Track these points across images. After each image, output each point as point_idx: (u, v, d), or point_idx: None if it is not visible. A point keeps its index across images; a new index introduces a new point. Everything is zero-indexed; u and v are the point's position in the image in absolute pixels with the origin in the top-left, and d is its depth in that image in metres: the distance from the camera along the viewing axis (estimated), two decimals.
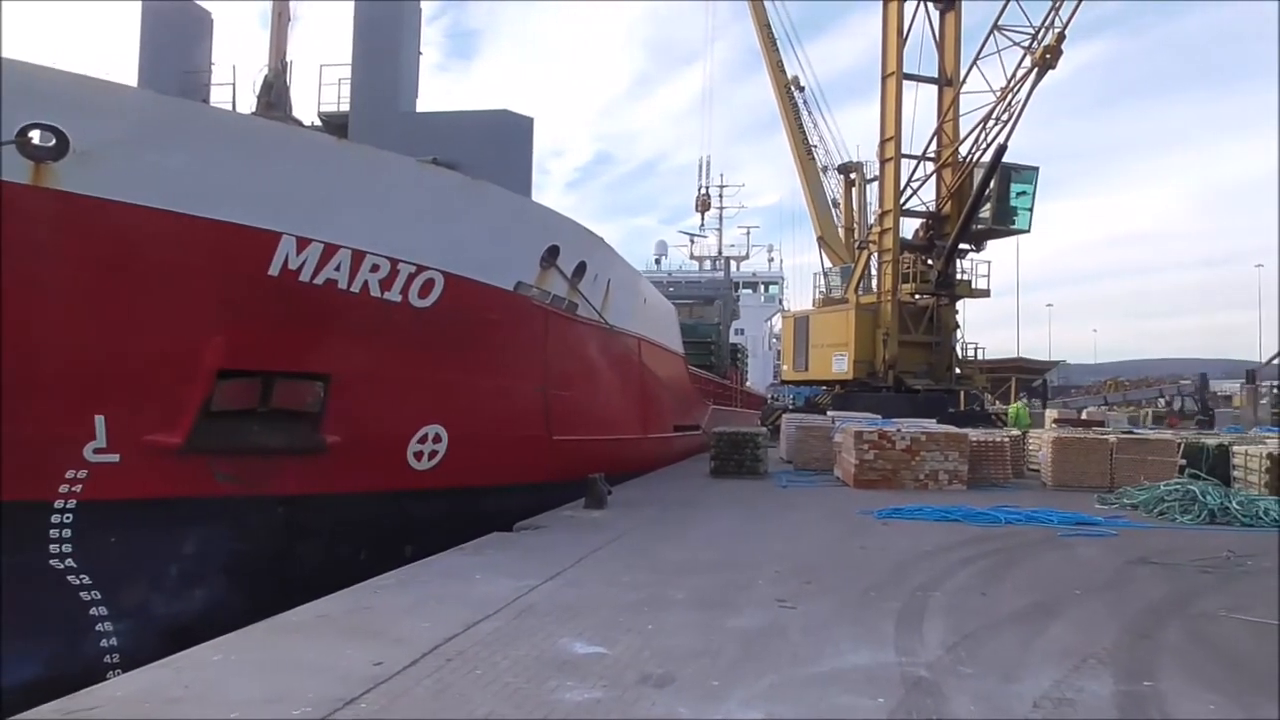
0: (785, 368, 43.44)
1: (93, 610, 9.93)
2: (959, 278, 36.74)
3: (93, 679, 6.12)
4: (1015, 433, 22.72)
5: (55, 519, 9.71)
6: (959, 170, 34.83)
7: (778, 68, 50.82)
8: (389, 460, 12.42)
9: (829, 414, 26.37)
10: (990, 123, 32.88)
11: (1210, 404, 57.00)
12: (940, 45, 36.45)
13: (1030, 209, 36.07)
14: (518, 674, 5.58)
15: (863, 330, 35.60)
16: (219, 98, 16.30)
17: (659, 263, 63.37)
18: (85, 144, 8.99)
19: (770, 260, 70.69)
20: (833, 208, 52.37)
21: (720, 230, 67.50)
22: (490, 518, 11.83)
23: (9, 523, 9.33)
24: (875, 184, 40.95)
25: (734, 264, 64.04)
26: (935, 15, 36.40)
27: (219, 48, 17.38)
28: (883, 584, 8.47)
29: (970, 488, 16.77)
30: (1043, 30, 31.15)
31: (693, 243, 67.95)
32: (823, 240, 50.19)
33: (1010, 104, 32.20)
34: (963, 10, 36.31)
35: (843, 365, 36.16)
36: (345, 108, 16.46)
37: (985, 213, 34.87)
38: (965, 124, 34.60)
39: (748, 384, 48.28)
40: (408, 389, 12.39)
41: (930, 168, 36.01)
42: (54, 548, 9.74)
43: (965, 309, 37.96)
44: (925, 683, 5.51)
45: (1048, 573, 9.28)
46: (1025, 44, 31.64)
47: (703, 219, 63.96)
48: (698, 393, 27.94)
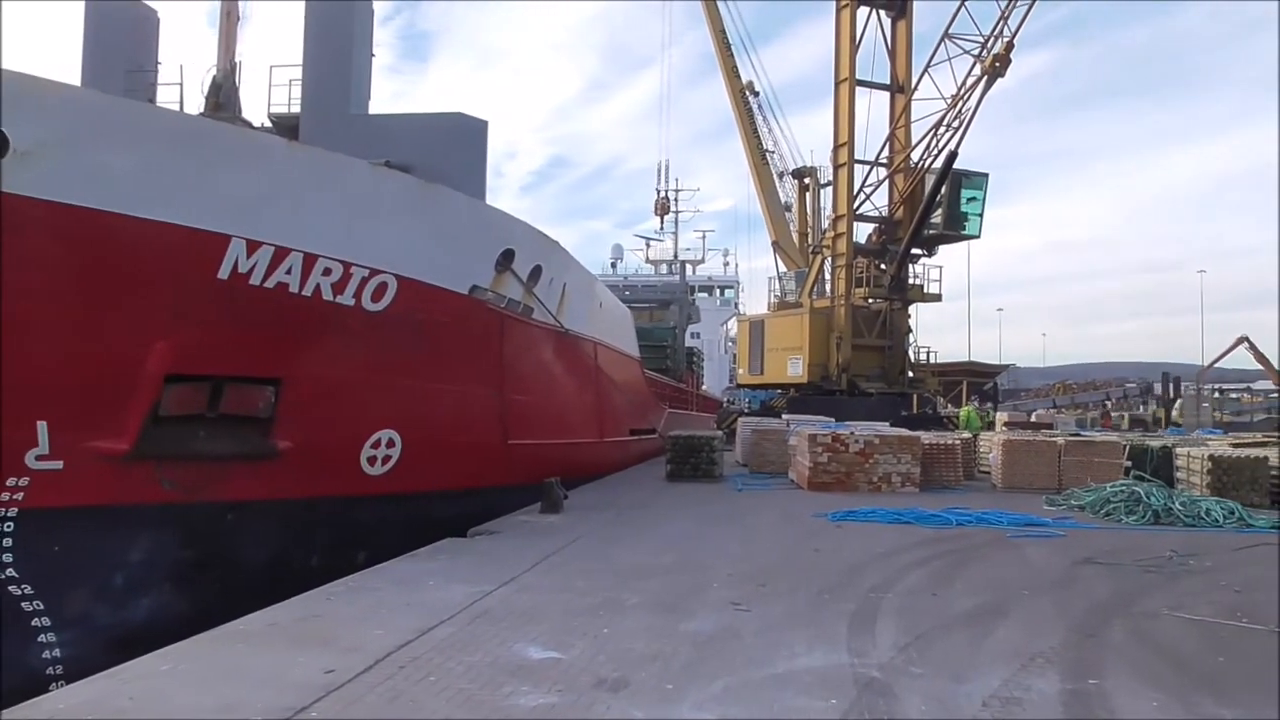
0: (741, 371, 43.67)
1: (35, 620, 9.69)
2: (911, 282, 37.24)
3: (35, 691, 5.97)
4: (966, 435, 23.03)
5: None
6: (911, 176, 35.32)
7: (732, 73, 51.18)
8: (341, 466, 12.28)
9: (784, 417, 26.56)
10: (941, 129, 33.41)
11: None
12: (892, 53, 36.96)
13: (981, 215, 36.68)
14: (472, 680, 5.55)
15: (817, 334, 35.93)
16: (166, 98, 16.01)
17: (615, 266, 63.36)
18: (25, 144, 8.80)
19: (726, 264, 71.18)
20: (787, 212, 52.77)
21: (676, 234, 67.76)
22: (445, 523, 11.75)
23: None
24: (829, 189, 41.35)
25: (690, 268, 64.23)
26: (887, 23, 36.91)
27: (166, 48, 17.09)
28: (836, 586, 8.54)
29: (923, 490, 16.97)
30: (992, 39, 31.75)
31: (648, 246, 68.21)
32: (777, 245, 50.60)
33: (961, 111, 32.75)
34: (914, 18, 36.89)
35: (797, 369, 36.46)
36: (296, 109, 16.24)
37: (937, 218, 35.39)
38: (917, 130, 35.19)
39: (704, 388, 48.40)
40: (361, 393, 12.27)
41: (883, 173, 36.50)
42: None
43: (918, 313, 38.56)
44: (877, 683, 5.57)
45: (997, 574, 9.41)
46: (975, 52, 32.24)
47: (662, 222, 64.28)
48: (654, 396, 27.97)
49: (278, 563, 11.33)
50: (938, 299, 38.34)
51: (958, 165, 34.12)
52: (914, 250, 36.41)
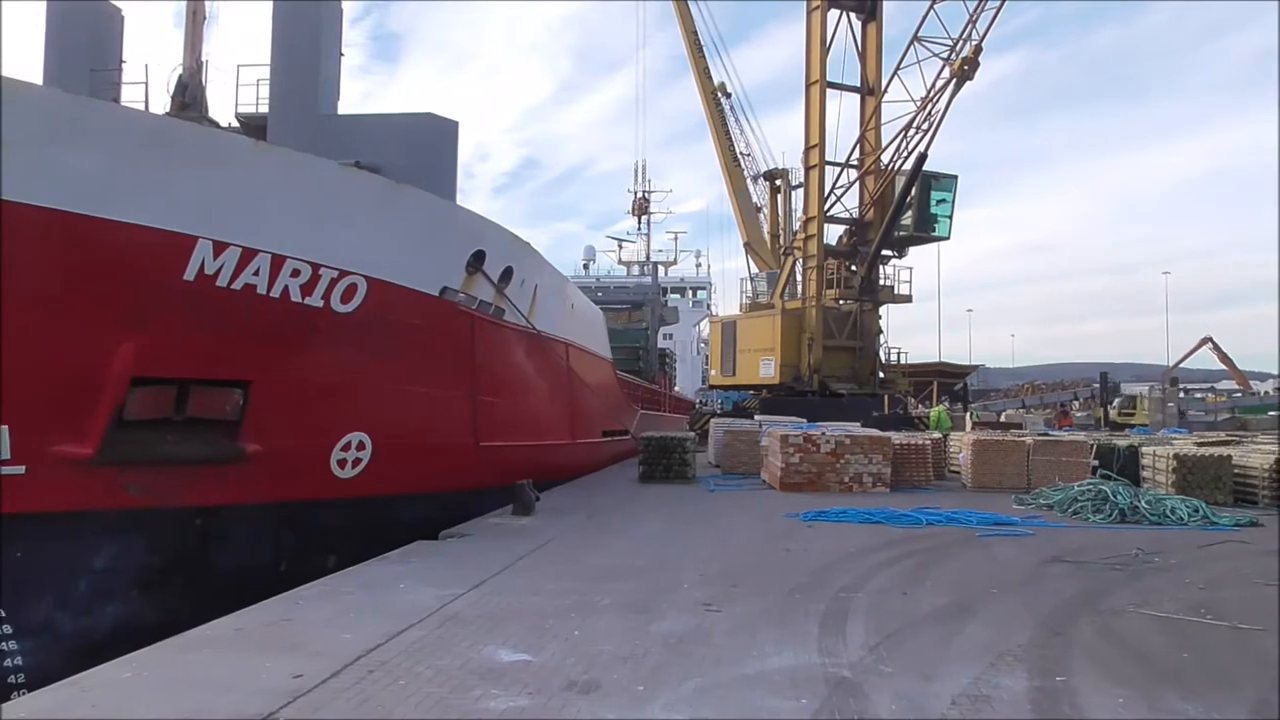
0: (713, 373, 43.73)
1: None
2: (882, 283, 37.49)
3: None
4: (937, 436, 23.19)
5: None
6: (881, 178, 35.55)
7: (704, 74, 51.22)
8: (311, 469, 12.17)
9: (756, 418, 26.64)
10: (911, 131, 33.65)
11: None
12: (862, 55, 37.19)
13: (950, 216, 36.99)
14: (441, 683, 5.51)
15: (789, 335, 36.06)
16: (131, 98, 15.82)
17: (587, 268, 63.29)
18: None
19: (698, 266, 71.29)
20: (759, 213, 52.92)
21: (648, 236, 67.73)
22: (416, 526, 11.68)
23: None
24: (800, 191, 41.47)
25: (662, 269, 64.29)
26: (857, 25, 37.14)
27: (131, 46, 16.88)
28: (807, 586, 8.57)
29: (893, 490, 17.07)
30: (960, 42, 32.02)
31: (621, 248, 68.17)
32: (749, 246, 50.69)
33: (930, 113, 33.01)
34: (884, 21, 37.11)
35: (769, 370, 36.58)
36: (264, 109, 16.10)
37: (907, 220, 35.65)
38: (887, 132, 35.40)
39: (676, 389, 48.48)
40: (330, 396, 12.17)
41: (853, 175, 36.70)
42: None
43: (888, 314, 38.80)
44: (847, 683, 5.59)
45: (966, 572, 9.48)
46: (944, 55, 32.50)
47: (639, 222, 64.36)
48: (626, 398, 27.95)
49: (246, 568, 11.21)
50: (908, 300, 38.63)
51: (927, 167, 34.38)
52: (884, 252, 36.66)
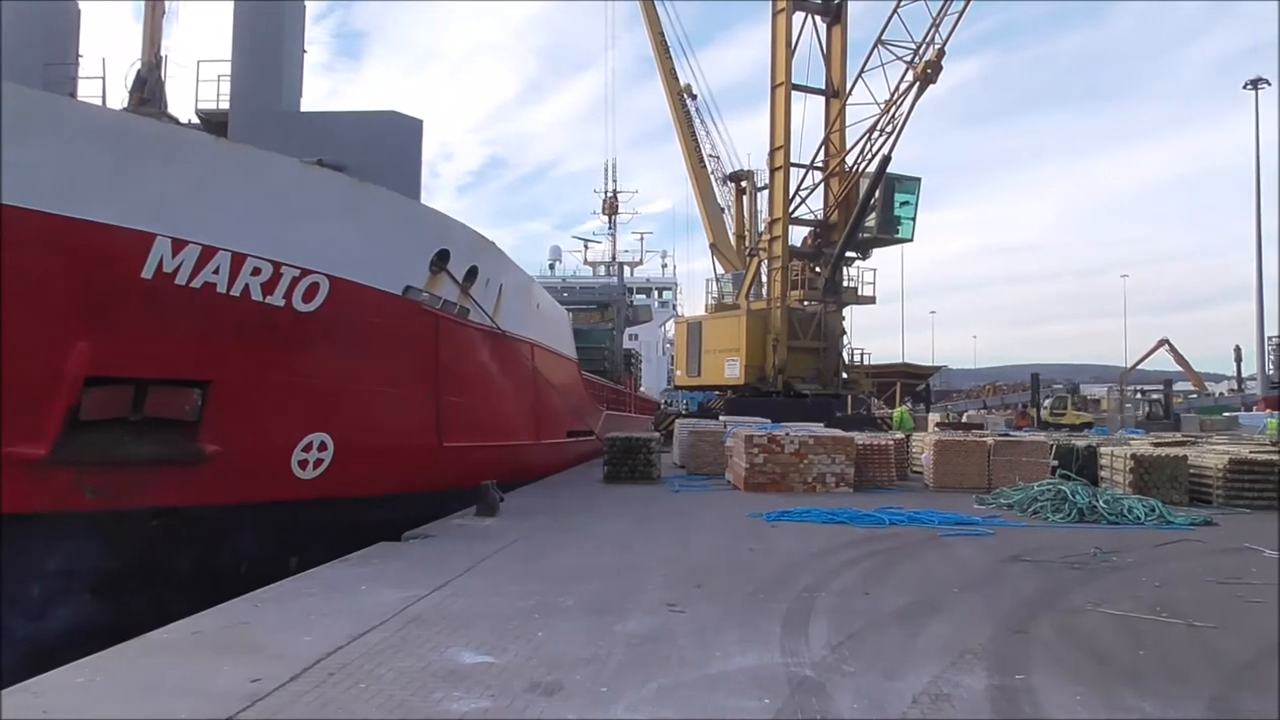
0: (678, 373, 43.82)
1: None
2: (846, 285, 37.77)
3: None
4: (899, 436, 23.38)
5: None
6: (846, 180, 35.82)
7: (671, 75, 51.30)
8: (271, 470, 12.04)
9: (721, 419, 26.72)
10: (875, 134, 33.95)
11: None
12: (827, 58, 37.44)
13: (913, 218, 37.37)
14: (403, 686, 5.47)
15: (753, 336, 36.22)
16: (88, 93, 15.55)
17: (553, 268, 63.20)
18: None
19: (664, 266, 71.44)
20: (724, 214, 53.09)
21: (614, 236, 67.83)
22: (378, 527, 11.57)
23: None
24: (765, 192, 41.66)
25: (628, 270, 64.35)
26: (822, 28, 37.38)
27: (88, 41, 16.60)
28: (771, 586, 8.60)
29: (856, 490, 17.18)
30: (924, 46, 32.34)
31: (586, 248, 68.20)
32: (715, 247, 50.83)
33: (894, 116, 33.32)
34: (848, 24, 37.40)
35: (734, 370, 36.71)
36: (225, 106, 15.91)
37: (871, 221, 35.96)
38: (851, 135, 35.72)
39: (641, 389, 48.48)
40: (292, 396, 12.04)
41: (818, 177, 36.95)
42: None
43: (852, 315, 39.12)
44: (810, 682, 5.61)
45: (928, 572, 9.56)
46: (908, 59, 32.81)
47: (610, 221, 64.39)
48: (591, 398, 27.93)
49: (205, 570, 11.07)
50: (871, 301, 38.96)
51: (891, 169, 34.70)
52: (848, 253, 36.93)
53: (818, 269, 37.03)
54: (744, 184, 52.39)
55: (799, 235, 37.62)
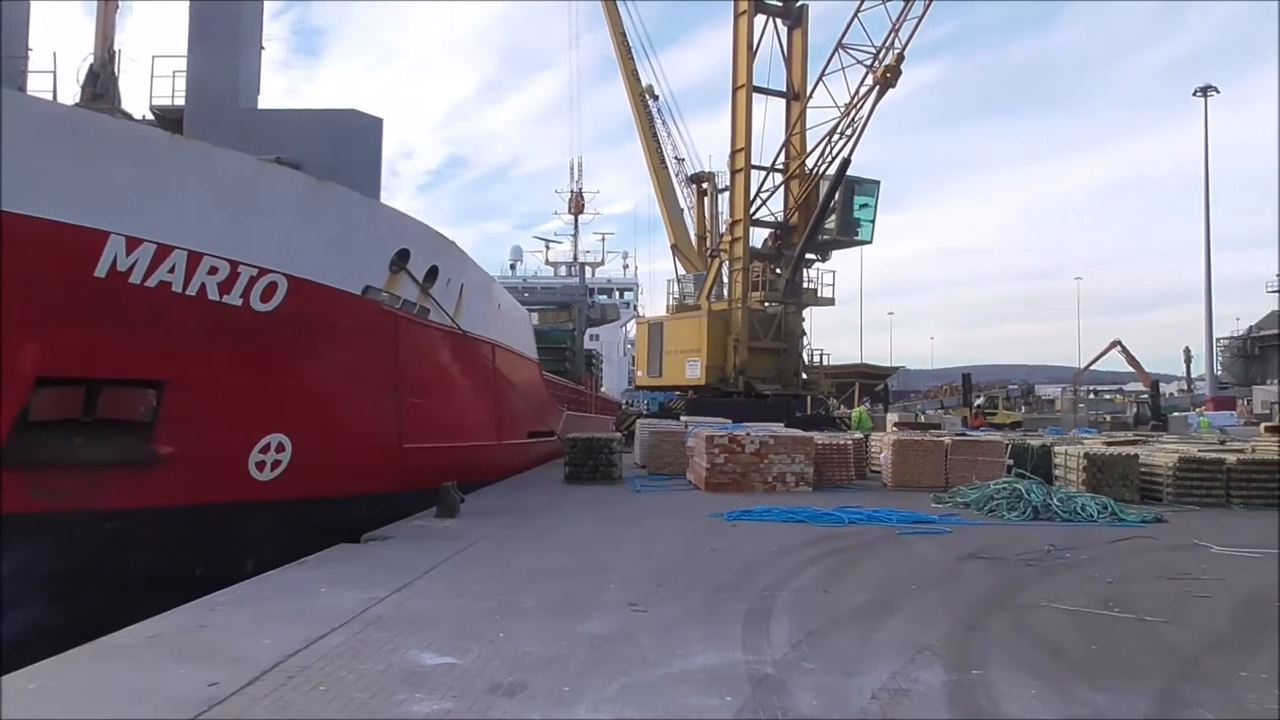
0: (640, 373, 43.88)
1: None
2: (806, 286, 38.06)
3: None
4: (858, 436, 23.59)
5: None
6: (806, 182, 36.08)
7: (632, 75, 51.34)
8: (228, 471, 11.89)
9: (682, 419, 26.78)
10: (835, 137, 34.25)
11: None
12: (788, 60, 37.68)
13: (873, 221, 37.75)
14: (363, 688, 5.43)
15: (714, 337, 36.37)
16: (38, 87, 15.22)
17: (514, 268, 63.02)
18: None
19: (625, 267, 71.45)
20: (686, 215, 53.24)
21: (576, 236, 67.76)
22: (338, 529, 11.47)
23: None
24: (727, 194, 41.85)
25: (589, 270, 64.32)
26: (783, 31, 37.61)
27: (38, 34, 16.24)
28: (732, 585, 8.65)
29: (816, 489, 17.32)
30: (883, 50, 32.71)
31: (548, 248, 68.01)
32: (676, 248, 50.94)
33: (854, 119, 33.64)
34: (809, 27, 37.65)
35: (695, 371, 36.83)
36: (180, 102, 15.66)
37: (830, 224, 36.27)
38: (812, 137, 35.99)
39: (603, 390, 48.46)
40: (249, 396, 11.90)
41: (779, 179, 37.18)
42: None
43: (812, 316, 39.45)
44: (771, 680, 5.66)
45: (886, 570, 9.67)
46: (867, 63, 33.13)
47: (576, 220, 64.30)
48: (552, 399, 27.88)
49: (160, 573, 10.90)
50: (831, 303, 39.30)
51: (850, 172, 35.03)
52: (808, 255, 37.22)
53: (778, 270, 37.27)
54: (705, 185, 52.61)
55: (760, 237, 37.87)
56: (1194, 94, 69.47)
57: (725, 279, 38.10)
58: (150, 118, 15.92)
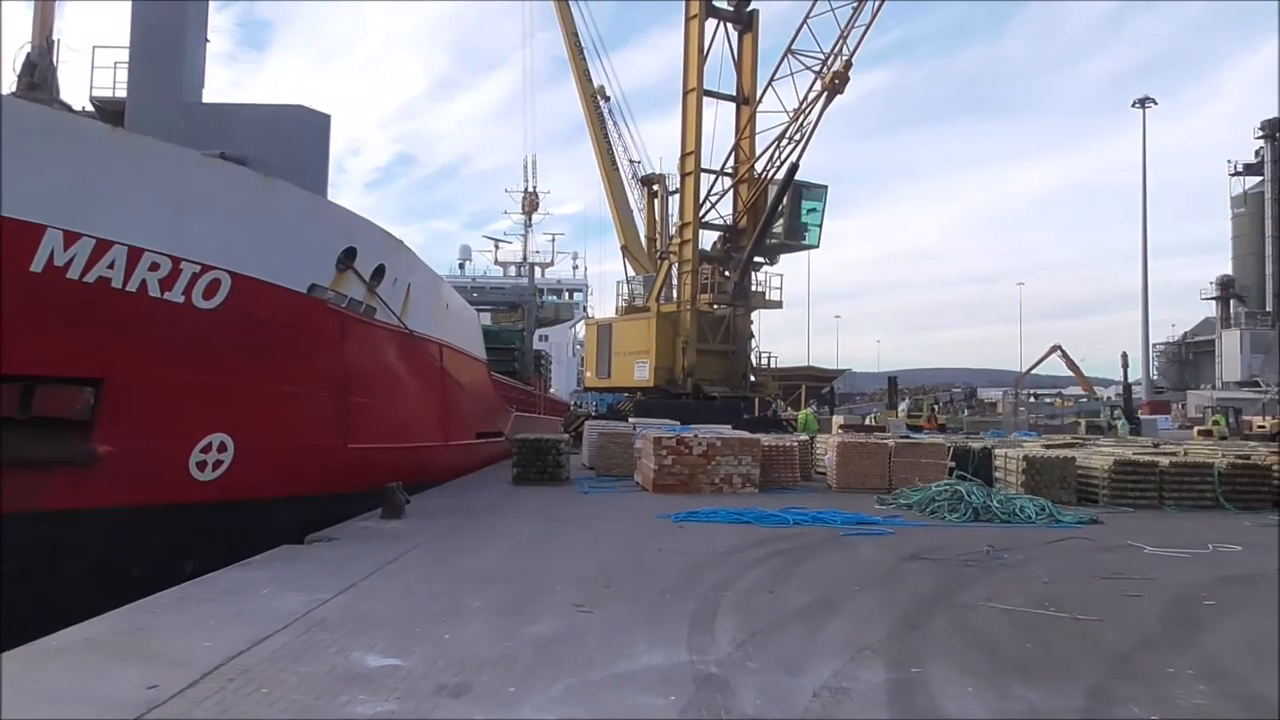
0: (588, 374, 43.87)
1: None
2: (754, 289, 38.36)
3: None
4: (804, 437, 23.83)
5: None
6: (755, 186, 36.37)
7: (584, 76, 51.36)
8: (168, 471, 11.68)
9: (630, 421, 26.84)
10: (784, 142, 34.59)
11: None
12: (738, 65, 37.95)
13: (820, 225, 38.16)
14: (306, 690, 5.39)
15: (663, 338, 36.49)
16: None
17: (462, 267, 62.64)
18: None
19: (575, 268, 71.33)
20: (637, 216, 53.35)
21: (525, 236, 67.53)
22: (282, 531, 11.34)
23: None
24: (677, 196, 42.03)
25: (539, 270, 64.13)
26: (734, 35, 37.86)
27: None
28: (678, 586, 8.71)
29: (762, 490, 17.47)
30: (832, 57, 33.11)
31: (497, 248, 67.70)
32: (626, 249, 51.03)
33: (802, 125, 34.00)
34: (759, 32, 37.96)
35: (644, 373, 36.91)
36: (122, 94, 15.35)
37: (778, 228, 36.61)
38: (761, 142, 36.32)
39: (552, 390, 48.37)
40: (190, 395, 11.71)
41: (728, 183, 37.45)
42: None
43: (760, 319, 39.75)
44: (715, 679, 5.72)
45: (830, 571, 9.80)
46: (816, 69, 33.52)
47: (528, 219, 64.04)
48: (501, 399, 27.76)
49: (97, 575, 10.68)
50: (779, 306, 39.67)
51: (799, 177, 35.37)
52: (756, 258, 37.52)
53: (727, 273, 37.52)
54: (656, 187, 52.74)
55: (709, 239, 38.09)
56: (1133, 105, 71.32)
57: (674, 281, 38.27)
58: (90, 109, 15.60)
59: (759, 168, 36.15)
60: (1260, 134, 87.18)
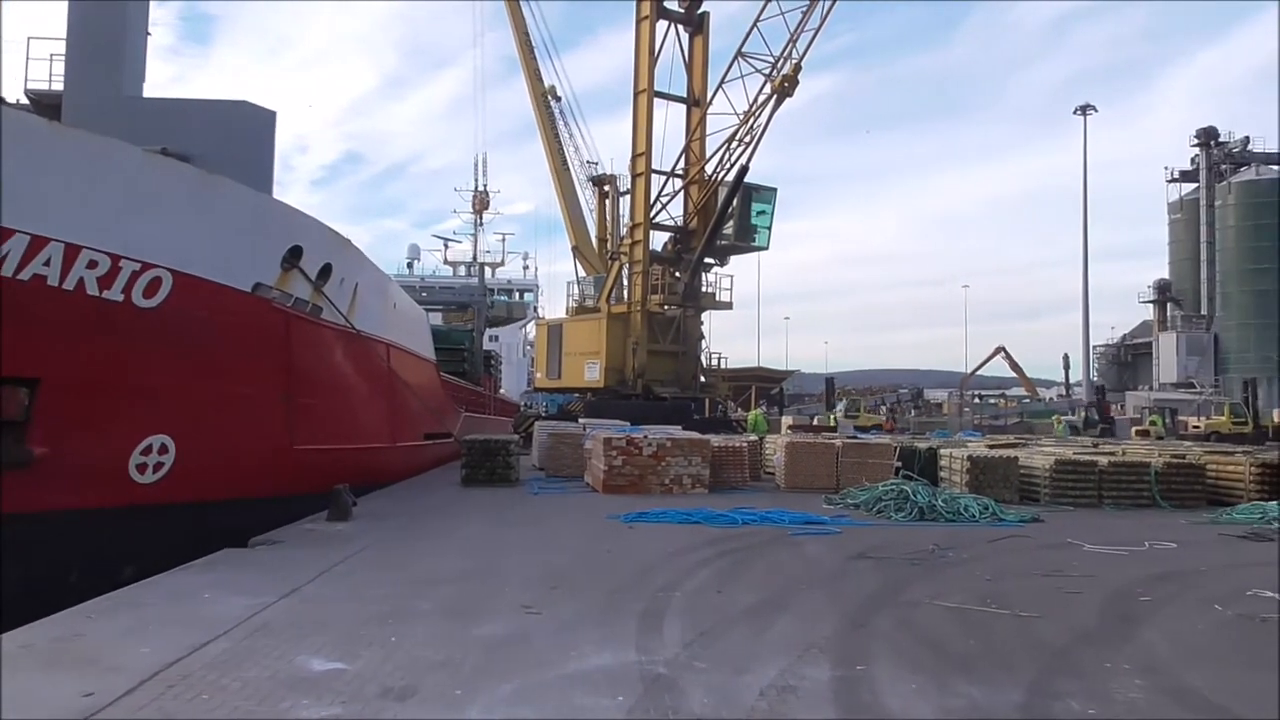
0: (539, 375, 43.74)
1: None
2: (704, 290, 38.51)
3: None
4: (754, 438, 23.98)
5: None
6: (705, 188, 36.52)
7: (535, 76, 51.28)
8: (106, 473, 11.43)
9: (580, 421, 26.80)
10: (734, 144, 34.79)
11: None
12: (689, 67, 38.10)
13: (769, 227, 38.43)
14: (249, 696, 5.30)
15: (614, 339, 36.49)
16: None
17: (411, 267, 62.14)
18: None
19: (525, 268, 71.12)
20: (588, 216, 53.34)
21: (475, 236, 67.20)
22: (226, 534, 11.14)
23: None
24: (627, 197, 42.10)
25: (489, 270, 63.81)
26: (685, 37, 37.99)
27: None
28: (627, 586, 8.72)
29: (712, 491, 17.54)
30: (781, 60, 33.38)
31: (447, 247, 67.28)
32: (577, 250, 51.04)
33: (752, 127, 34.23)
34: (710, 35, 38.13)
35: (594, 373, 36.89)
36: (59, 87, 14.99)
37: (728, 229, 36.79)
38: (712, 144, 36.47)
39: (502, 391, 48.14)
40: (130, 396, 11.47)
41: (679, 184, 37.56)
42: None
43: (710, 320, 39.94)
44: (663, 679, 5.74)
45: (778, 570, 9.87)
46: (766, 71, 33.76)
47: (479, 217, 63.66)
48: (450, 400, 27.56)
49: (34, 580, 10.40)
50: (729, 307, 39.89)
51: (748, 179, 35.60)
52: (707, 259, 37.68)
53: (677, 274, 37.62)
54: (607, 188, 52.81)
55: (660, 240, 38.17)
56: (1075, 112, 72.67)
57: (625, 282, 38.30)
58: (25, 102, 15.21)
59: (709, 169, 36.32)
60: (1195, 142, 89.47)
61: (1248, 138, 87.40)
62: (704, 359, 39.98)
